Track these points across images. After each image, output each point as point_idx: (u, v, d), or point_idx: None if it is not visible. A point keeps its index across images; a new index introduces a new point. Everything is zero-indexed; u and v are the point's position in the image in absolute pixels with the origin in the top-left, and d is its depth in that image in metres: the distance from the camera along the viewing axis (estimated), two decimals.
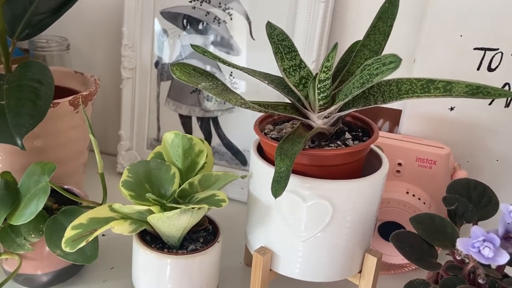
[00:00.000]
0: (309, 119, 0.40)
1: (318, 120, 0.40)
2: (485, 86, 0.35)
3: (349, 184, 0.39)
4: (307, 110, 0.40)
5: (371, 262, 0.43)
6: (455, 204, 0.41)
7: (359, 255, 0.43)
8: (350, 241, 0.41)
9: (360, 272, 0.44)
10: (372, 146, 0.47)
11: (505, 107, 0.54)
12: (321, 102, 0.39)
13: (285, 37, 0.41)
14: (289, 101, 0.41)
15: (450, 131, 0.57)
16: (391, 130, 0.64)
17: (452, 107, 0.56)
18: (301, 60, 0.41)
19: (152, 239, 0.44)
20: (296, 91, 0.39)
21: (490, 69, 0.53)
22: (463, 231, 0.39)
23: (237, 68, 0.40)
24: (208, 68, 0.68)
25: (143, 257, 0.43)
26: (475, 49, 0.53)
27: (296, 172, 0.40)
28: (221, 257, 0.46)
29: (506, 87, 0.53)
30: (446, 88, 0.36)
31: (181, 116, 0.73)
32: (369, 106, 0.38)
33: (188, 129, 0.73)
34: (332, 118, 0.40)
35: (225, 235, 0.49)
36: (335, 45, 0.36)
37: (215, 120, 0.71)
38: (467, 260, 0.35)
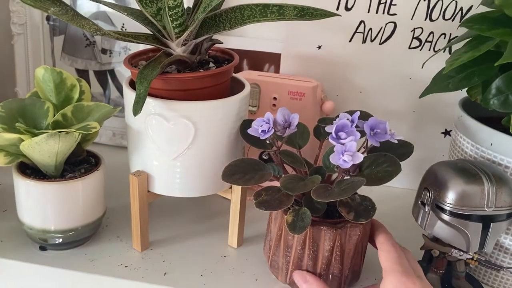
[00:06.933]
0: (169, 47, 0.44)
1: (177, 48, 0.44)
2: (311, 8, 0.41)
3: (206, 104, 0.44)
4: (166, 39, 0.44)
5: None
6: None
7: None
8: (217, 158, 0.46)
9: (231, 187, 0.49)
10: (240, 77, 0.52)
11: (362, 43, 0.61)
12: (176, 30, 0.42)
13: None
14: (151, 32, 0.45)
15: (319, 68, 0.63)
16: (277, 73, 0.69)
17: (320, 45, 0.62)
18: None
19: (33, 172, 0.47)
20: (154, 21, 0.43)
21: (347, 8, 0.60)
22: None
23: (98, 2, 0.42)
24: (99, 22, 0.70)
25: (23, 188, 0.45)
26: None
27: (163, 97, 0.44)
28: (111, 192, 0.49)
29: (362, 25, 0.60)
30: (279, 11, 0.41)
31: (77, 70, 0.74)
32: (220, 32, 0.43)
33: None
34: (189, 45, 0.44)
35: (118, 176, 0.53)
36: None
37: (112, 72, 0.73)
38: None
